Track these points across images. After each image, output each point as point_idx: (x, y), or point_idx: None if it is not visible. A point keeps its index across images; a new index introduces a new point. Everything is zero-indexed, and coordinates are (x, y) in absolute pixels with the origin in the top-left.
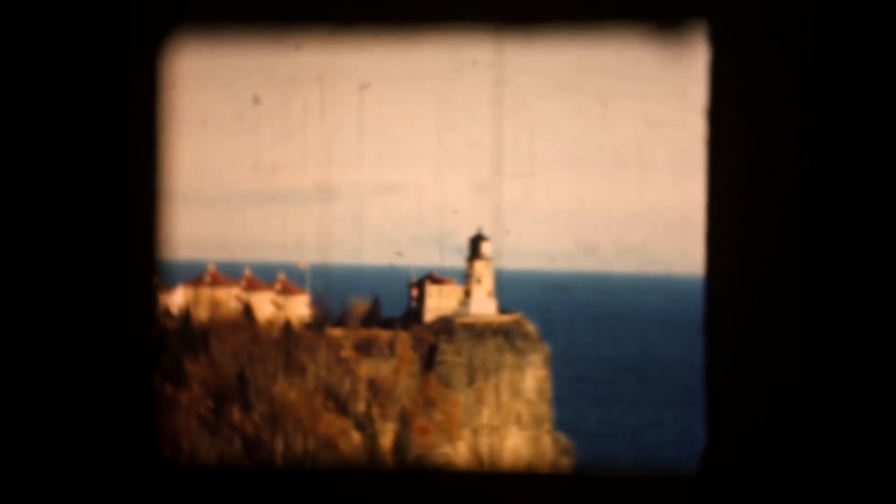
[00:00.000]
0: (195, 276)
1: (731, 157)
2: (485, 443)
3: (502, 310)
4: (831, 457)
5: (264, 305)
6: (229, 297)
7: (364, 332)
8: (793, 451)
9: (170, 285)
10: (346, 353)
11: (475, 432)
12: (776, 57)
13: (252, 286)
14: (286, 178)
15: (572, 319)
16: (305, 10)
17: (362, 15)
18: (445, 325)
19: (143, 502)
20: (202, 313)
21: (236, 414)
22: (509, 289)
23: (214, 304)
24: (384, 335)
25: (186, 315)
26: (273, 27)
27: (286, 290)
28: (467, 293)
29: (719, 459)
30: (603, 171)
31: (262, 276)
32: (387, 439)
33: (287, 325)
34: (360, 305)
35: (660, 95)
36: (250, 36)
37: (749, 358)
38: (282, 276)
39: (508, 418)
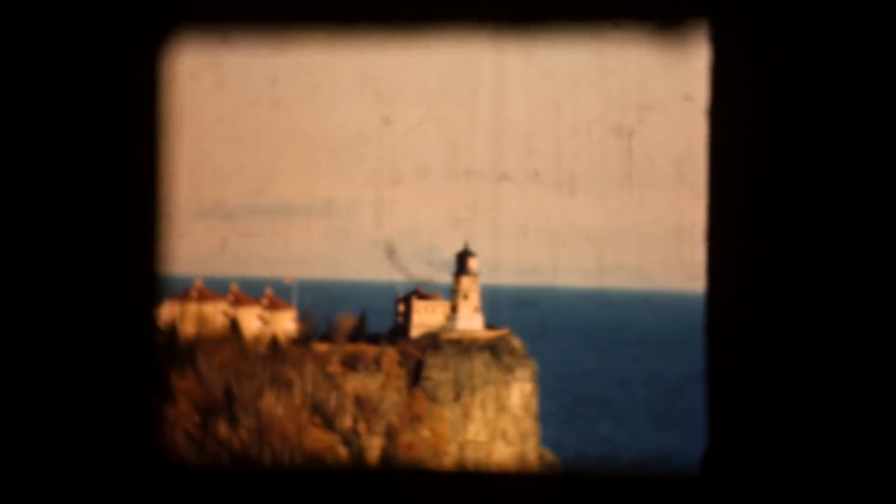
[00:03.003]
0: (182, 290)
1: (733, 158)
2: (471, 458)
3: (489, 325)
4: (831, 457)
5: (251, 320)
6: (216, 312)
7: (350, 348)
8: (793, 451)
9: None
10: (333, 368)
11: (461, 447)
12: (777, 57)
13: (239, 301)
14: (274, 192)
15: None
16: (306, 10)
17: (363, 15)
18: (432, 341)
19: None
20: (189, 328)
21: (223, 429)
22: (495, 304)
23: (201, 319)
24: (371, 350)
25: (173, 330)
26: (274, 27)
27: (273, 305)
28: (454, 309)
29: (719, 459)
30: (603, 172)
31: (249, 291)
32: (373, 454)
33: (274, 341)
34: (347, 321)
35: (660, 96)
36: (251, 36)
37: (750, 359)
38: (268, 291)
39: (495, 434)
